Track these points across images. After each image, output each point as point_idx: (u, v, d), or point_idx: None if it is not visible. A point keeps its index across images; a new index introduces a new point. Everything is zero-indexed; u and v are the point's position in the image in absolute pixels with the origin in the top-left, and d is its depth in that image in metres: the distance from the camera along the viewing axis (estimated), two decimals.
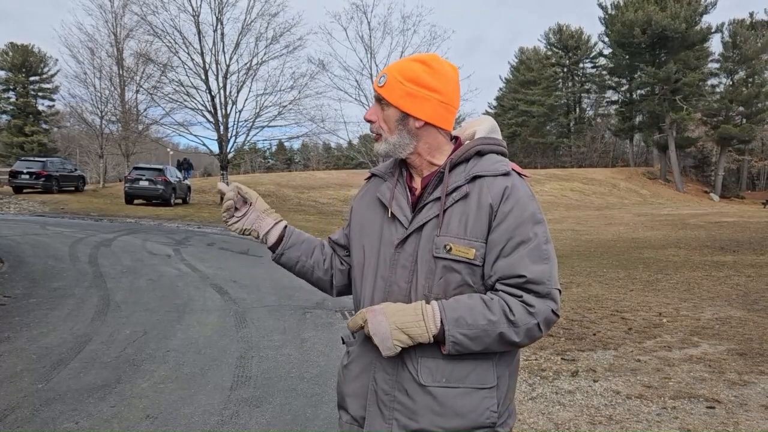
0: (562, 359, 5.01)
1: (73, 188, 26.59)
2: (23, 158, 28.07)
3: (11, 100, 56.30)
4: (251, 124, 26.31)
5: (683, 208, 33.45)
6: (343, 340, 1.58)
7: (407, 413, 1.39)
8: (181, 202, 24.92)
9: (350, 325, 1.43)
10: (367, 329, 1.38)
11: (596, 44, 58.93)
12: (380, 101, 1.48)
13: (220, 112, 25.52)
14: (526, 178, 1.48)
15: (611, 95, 59.72)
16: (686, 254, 12.25)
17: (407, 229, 1.44)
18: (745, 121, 49.82)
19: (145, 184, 22.76)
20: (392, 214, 1.47)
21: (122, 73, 30.84)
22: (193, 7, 24.57)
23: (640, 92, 52.52)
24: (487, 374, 1.39)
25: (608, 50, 54.19)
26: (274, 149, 75.55)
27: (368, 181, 1.65)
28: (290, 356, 5.08)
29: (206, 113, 25.59)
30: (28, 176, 24.08)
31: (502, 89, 67.36)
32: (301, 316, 6.61)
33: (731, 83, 51.02)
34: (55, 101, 56.45)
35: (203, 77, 25.16)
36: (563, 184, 40.60)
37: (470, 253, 1.37)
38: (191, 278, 8.68)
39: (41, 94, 57.52)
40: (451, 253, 1.38)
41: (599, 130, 61.73)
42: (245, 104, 53.03)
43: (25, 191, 24.44)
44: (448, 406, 1.36)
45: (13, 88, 56.04)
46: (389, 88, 1.45)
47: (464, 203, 1.40)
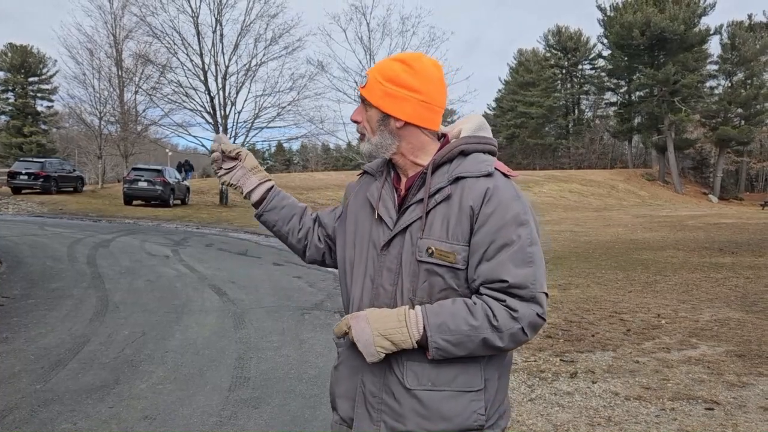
0: (560, 360, 5.01)
1: (71, 189, 26.58)
2: (22, 159, 28.06)
3: (10, 100, 56.19)
4: (250, 125, 26.36)
5: (682, 209, 33.48)
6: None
7: (394, 416, 1.39)
8: (179, 202, 24.92)
9: (335, 331, 1.43)
10: (350, 335, 1.38)
11: (595, 46, 58.98)
12: (364, 102, 1.48)
13: (219, 113, 25.54)
14: (513, 177, 1.45)
15: (610, 97, 59.72)
16: (685, 256, 12.26)
17: (392, 230, 1.43)
18: (743, 122, 49.88)
19: (143, 184, 22.75)
20: (379, 215, 1.47)
21: (121, 74, 30.85)
22: (192, 8, 24.64)
23: (638, 94, 52.53)
24: (474, 377, 1.38)
25: (607, 52, 54.22)
26: (273, 150, 75.52)
27: (361, 177, 1.64)
28: (289, 357, 5.08)
29: (205, 114, 25.63)
30: (26, 177, 24.06)
31: (501, 90, 67.34)
32: (299, 317, 6.61)
33: (730, 85, 51.08)
34: (54, 102, 56.37)
35: (202, 78, 25.20)
36: (562, 185, 40.61)
37: (451, 257, 1.35)
38: (190, 279, 8.67)
39: (40, 94, 57.43)
40: (433, 256, 1.36)
41: (598, 131, 61.74)
42: (244, 105, 53.00)
43: (23, 192, 24.44)
44: (433, 409, 1.36)
45: (12, 88, 55.94)
46: (370, 88, 1.45)
47: (447, 205, 1.38)
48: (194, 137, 26.76)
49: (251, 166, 1.66)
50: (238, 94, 25.95)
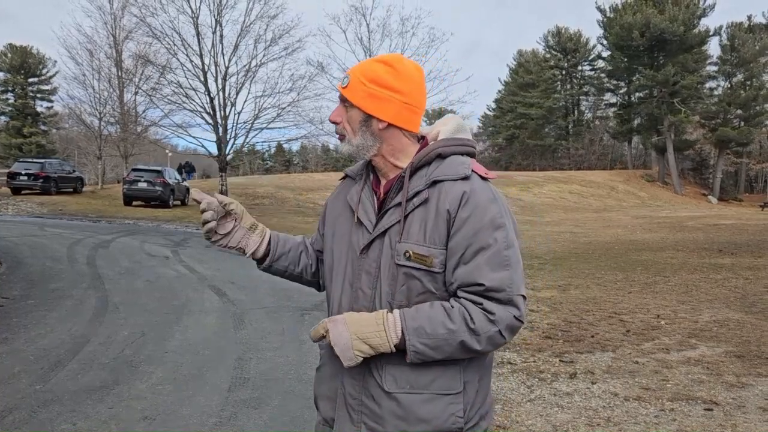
0: (560, 361, 5.01)
1: (71, 189, 26.56)
2: (21, 159, 28.04)
3: (10, 101, 56.21)
4: (250, 125, 26.35)
5: (681, 210, 33.50)
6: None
7: (374, 418, 1.40)
8: (179, 203, 24.90)
9: (312, 334, 1.42)
10: (328, 339, 1.38)
11: (595, 47, 59.03)
12: (344, 102, 1.47)
13: (219, 113, 25.54)
14: (491, 179, 1.44)
15: (609, 98, 59.77)
16: (684, 256, 12.27)
17: (371, 233, 1.43)
18: (743, 123, 49.94)
19: (143, 185, 22.74)
20: (358, 218, 1.46)
21: (121, 74, 30.86)
22: (192, 9, 24.63)
23: (638, 95, 52.57)
24: (452, 380, 1.38)
25: (607, 53, 54.28)
26: (272, 151, 75.66)
27: (343, 181, 1.64)
28: (288, 358, 5.08)
29: (205, 115, 25.62)
30: (26, 177, 24.05)
31: (500, 91, 67.33)
32: (299, 317, 6.61)
33: (729, 86, 51.14)
34: (53, 102, 56.37)
35: (202, 79, 25.19)
36: (561, 186, 40.64)
37: (429, 260, 1.35)
38: (189, 279, 8.67)
39: (40, 95, 57.44)
40: (411, 260, 1.36)
41: (597, 132, 61.76)
42: (244, 106, 53.08)
43: (23, 192, 24.41)
44: (412, 411, 1.36)
45: (11, 89, 55.97)
46: (352, 89, 1.44)
47: (424, 209, 1.38)
48: (194, 138, 26.64)
49: (249, 224, 1.59)
50: (237, 94, 25.96)
